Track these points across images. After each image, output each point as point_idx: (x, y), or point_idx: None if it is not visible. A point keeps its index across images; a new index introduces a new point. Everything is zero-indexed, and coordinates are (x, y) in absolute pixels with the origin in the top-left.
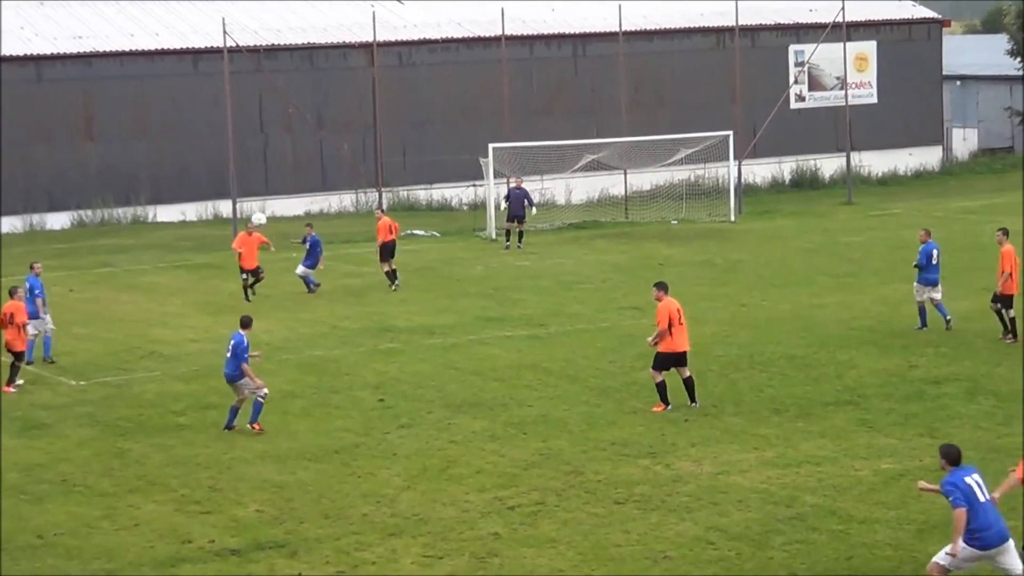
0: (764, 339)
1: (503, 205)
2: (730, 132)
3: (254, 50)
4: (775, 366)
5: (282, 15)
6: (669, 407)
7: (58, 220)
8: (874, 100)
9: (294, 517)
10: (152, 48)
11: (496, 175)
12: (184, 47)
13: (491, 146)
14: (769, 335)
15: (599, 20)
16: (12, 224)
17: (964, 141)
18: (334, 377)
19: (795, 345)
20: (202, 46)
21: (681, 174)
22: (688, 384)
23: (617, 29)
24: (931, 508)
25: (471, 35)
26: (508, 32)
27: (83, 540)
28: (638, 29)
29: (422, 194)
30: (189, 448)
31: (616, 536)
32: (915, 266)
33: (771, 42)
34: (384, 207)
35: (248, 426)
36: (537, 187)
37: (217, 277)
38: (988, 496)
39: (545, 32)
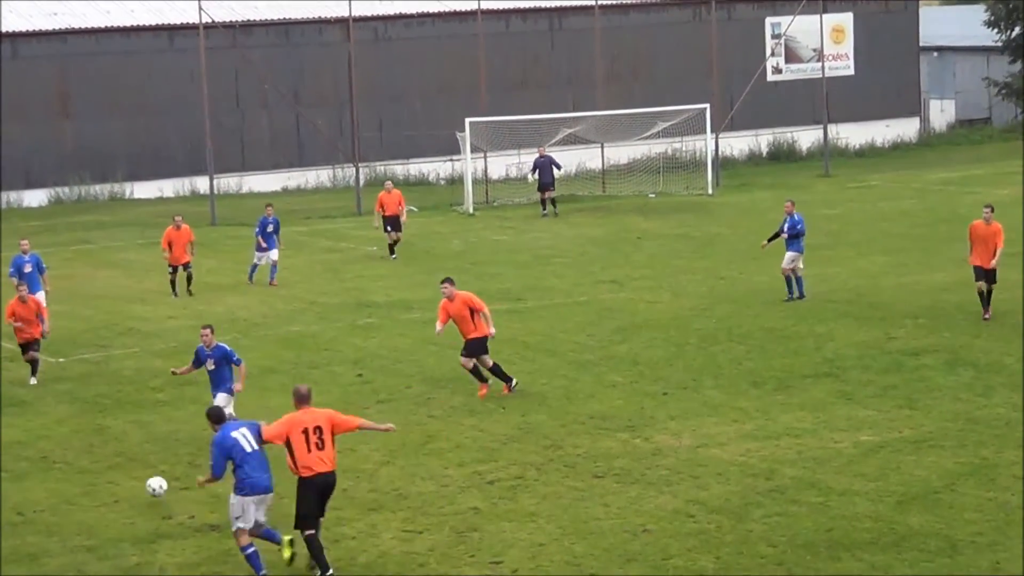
0: (742, 312)
1: (531, 177)
2: (707, 105)
3: (230, 26)
4: (753, 339)
5: None
6: (489, 383)
7: (35, 197)
8: (851, 72)
9: (274, 492)
10: (128, 24)
11: (473, 149)
12: (160, 23)
13: (468, 120)
14: (747, 308)
15: None
16: None
17: (942, 112)
18: (313, 352)
19: (773, 318)
20: (178, 22)
21: (658, 147)
22: (494, 369)
23: (593, 2)
24: (911, 480)
25: (447, 10)
26: (484, 6)
27: (63, 517)
28: (614, 2)
29: (399, 169)
30: (168, 424)
31: (596, 510)
32: (777, 236)
33: (747, 14)
34: (391, 180)
35: None
36: (514, 161)
37: (196, 254)
38: (256, 447)
39: (521, 6)
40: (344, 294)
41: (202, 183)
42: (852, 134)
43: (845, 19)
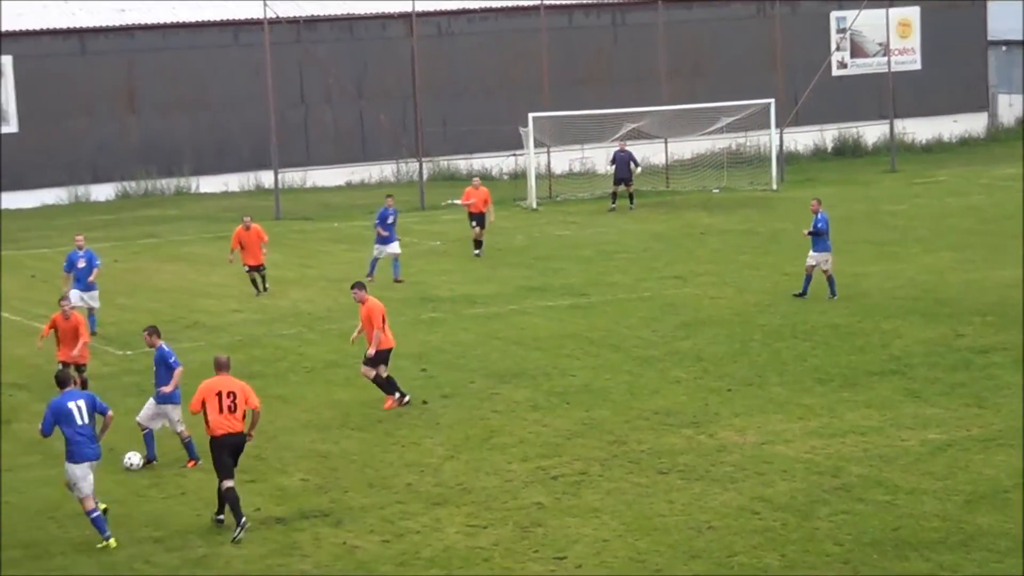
0: (807, 308)
1: (609, 170)
2: (771, 100)
3: (294, 21)
4: (819, 335)
5: None
6: (397, 396)
7: (102, 192)
8: (918, 66)
9: (339, 486)
10: (193, 20)
11: (536, 144)
12: (225, 19)
13: (531, 116)
14: (812, 304)
15: None
16: (58, 195)
17: (1010, 107)
18: None
19: (839, 314)
20: (243, 17)
21: (722, 142)
22: (387, 381)
23: None
24: (979, 479)
25: (510, 5)
26: (547, 1)
27: (132, 508)
28: None
29: (462, 164)
30: None
31: (660, 506)
32: (809, 233)
33: (812, 9)
34: (479, 179)
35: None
36: (577, 156)
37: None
38: (88, 421)
39: (584, 1)
40: (407, 289)
41: (267, 177)
42: (918, 129)
43: (912, 13)
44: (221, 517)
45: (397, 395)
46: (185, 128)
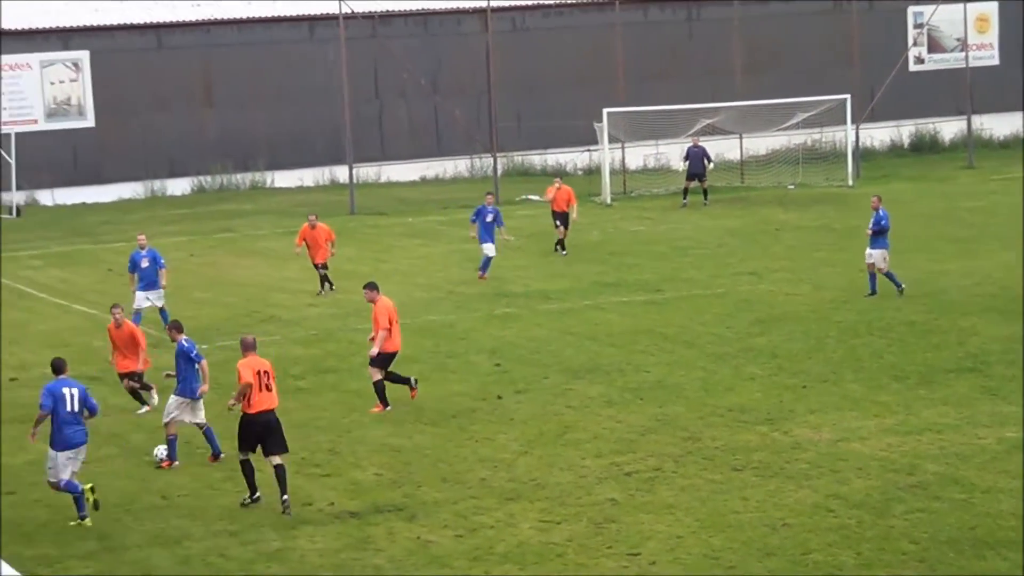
0: (884, 305)
1: (682, 166)
2: (847, 96)
3: (369, 16)
4: (895, 332)
5: None
6: (388, 408)
7: (178, 186)
8: (996, 62)
9: (412, 481)
10: (269, 15)
11: (610, 139)
12: (301, 14)
13: (605, 111)
14: (889, 301)
15: None
16: (134, 190)
17: None
18: (451, 342)
19: (915, 311)
20: (318, 13)
21: (798, 138)
22: (395, 377)
23: None
24: None
25: (585, 0)
26: None
27: (206, 501)
28: None
29: (536, 159)
30: (308, 411)
31: (734, 503)
32: (873, 232)
33: (889, 4)
34: (561, 177)
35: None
36: (652, 152)
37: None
38: (77, 410)
39: None
40: (483, 284)
41: (341, 172)
42: (996, 125)
43: (990, 8)
44: (255, 497)
45: (412, 380)
46: (261, 123)
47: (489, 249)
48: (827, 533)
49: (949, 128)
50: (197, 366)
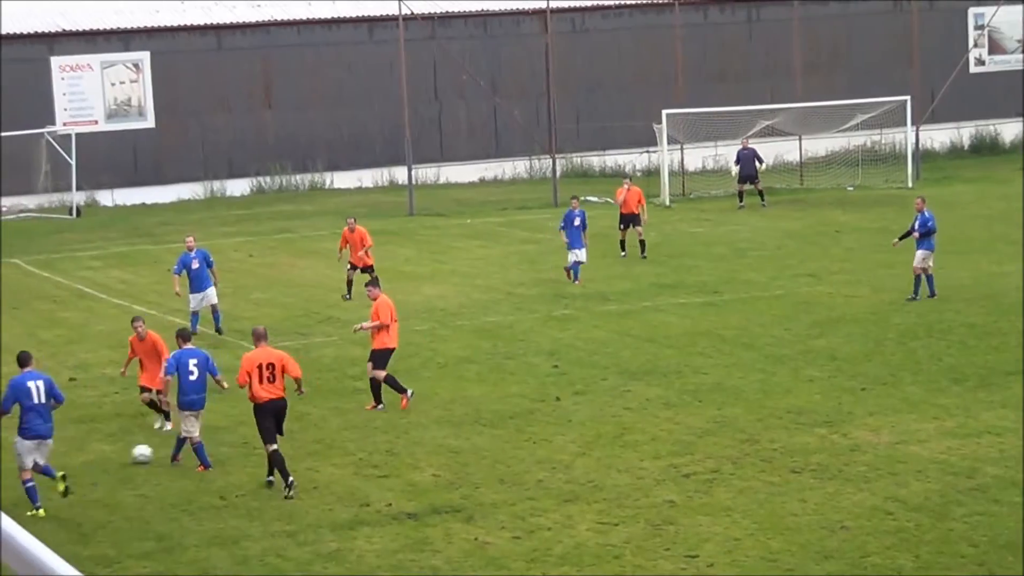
0: (943, 307)
1: (734, 170)
2: (907, 97)
3: (429, 18)
4: (954, 334)
5: None
6: (382, 406)
7: (238, 187)
8: None
9: (470, 482)
10: (329, 16)
11: (669, 141)
12: (360, 15)
13: (664, 112)
14: (947, 303)
15: None
16: (193, 190)
17: None
18: (509, 343)
19: (975, 313)
20: (377, 14)
21: (857, 139)
22: (389, 380)
23: None
24: None
25: (645, 1)
26: None
27: (264, 502)
28: None
29: (595, 160)
30: (366, 413)
31: (792, 505)
32: (908, 234)
33: (950, 5)
34: (631, 179)
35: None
36: (711, 153)
37: (393, 243)
38: (44, 401)
39: None
40: (541, 285)
41: (400, 173)
42: None
43: None
44: (271, 479)
45: (408, 392)
46: (320, 124)
47: (580, 254)
48: (885, 536)
49: (1009, 130)
50: (206, 376)
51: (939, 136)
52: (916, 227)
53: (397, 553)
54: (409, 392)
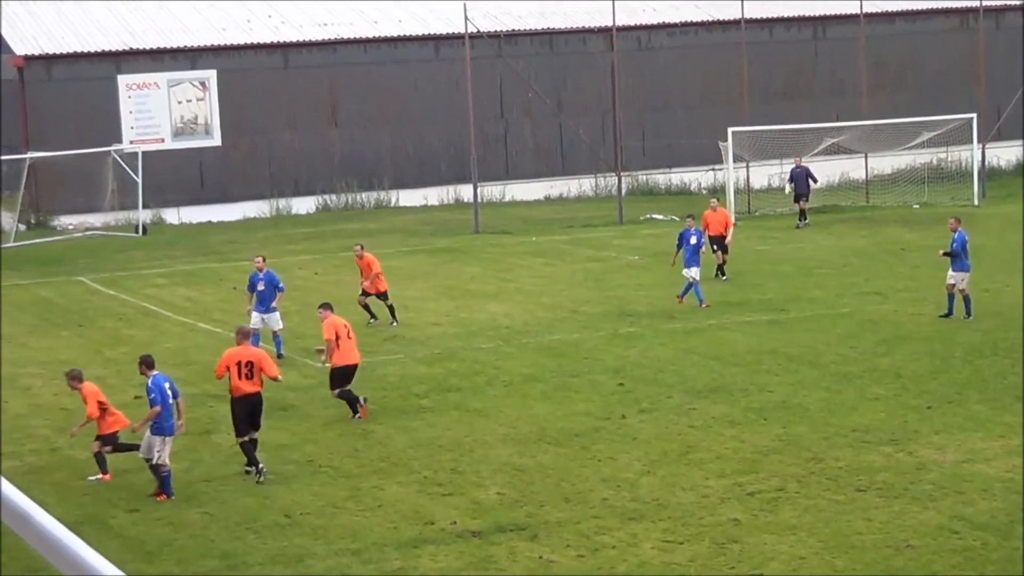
0: (1009, 325)
1: (788, 188)
2: (973, 115)
3: (495, 35)
4: (1020, 352)
5: (522, 0)
6: (361, 400)
7: (303, 205)
8: None
9: (535, 500)
10: (395, 34)
11: (735, 159)
12: (426, 33)
13: (730, 130)
14: (1014, 321)
15: (839, 2)
16: (260, 208)
17: None
18: (574, 361)
19: None
20: (443, 32)
21: (923, 157)
22: (344, 396)
23: (858, 11)
24: None
25: (710, 18)
26: (747, 15)
27: (328, 520)
28: (879, 11)
29: (661, 178)
30: (431, 430)
31: (858, 524)
32: (944, 254)
33: (1016, 22)
34: (716, 198)
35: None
36: (776, 171)
37: (459, 261)
38: (173, 400)
39: (785, 15)
40: (606, 303)
41: (466, 191)
42: None
43: None
44: (249, 469)
45: (361, 400)
46: (386, 142)
47: (694, 273)
48: (951, 555)
49: None
50: (172, 402)
51: (1005, 154)
52: (954, 247)
53: (461, 571)
54: (362, 399)
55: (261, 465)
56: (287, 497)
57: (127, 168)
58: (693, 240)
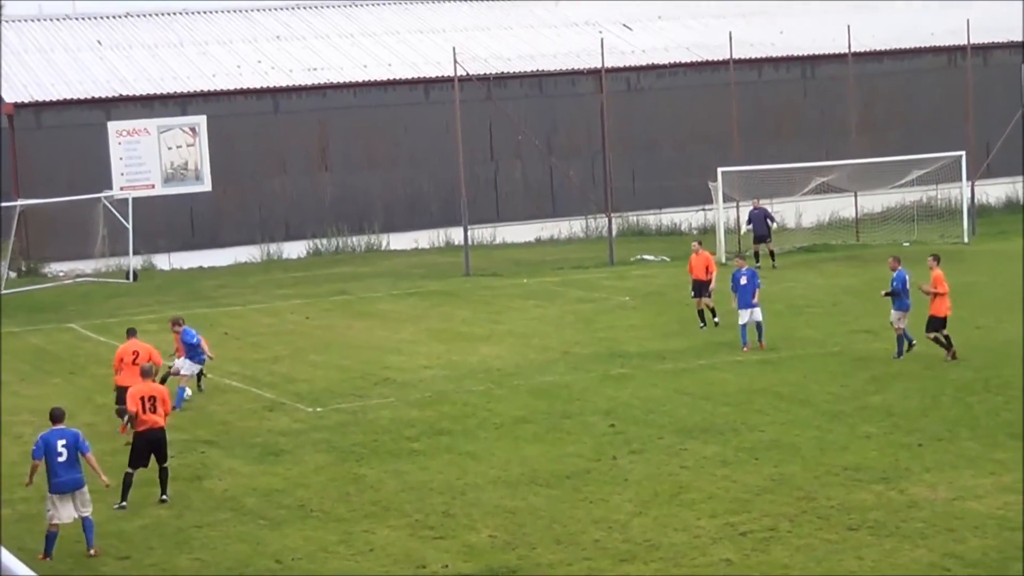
0: (1000, 362)
1: (744, 228)
2: (962, 152)
3: (484, 78)
4: (1012, 389)
5: (511, 43)
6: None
7: (294, 249)
8: None
9: (526, 542)
10: (384, 78)
11: (725, 199)
12: (415, 76)
13: (720, 170)
14: (1005, 358)
15: (828, 41)
16: (250, 253)
17: None
18: (565, 402)
19: None
20: (433, 75)
21: (913, 195)
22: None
23: (846, 50)
24: None
25: (699, 59)
26: (736, 55)
27: (320, 565)
28: (868, 50)
29: (651, 219)
30: (423, 473)
31: (850, 563)
32: (886, 294)
33: (1004, 59)
34: (699, 240)
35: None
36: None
37: (449, 304)
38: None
39: (773, 55)
40: (596, 344)
41: (456, 234)
42: None
43: None
44: (123, 504)
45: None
46: (376, 185)
47: (754, 313)
48: None
49: None
50: (83, 457)
51: (994, 191)
52: (895, 286)
53: None
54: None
55: (125, 503)
56: (279, 542)
57: (117, 214)
58: (744, 280)
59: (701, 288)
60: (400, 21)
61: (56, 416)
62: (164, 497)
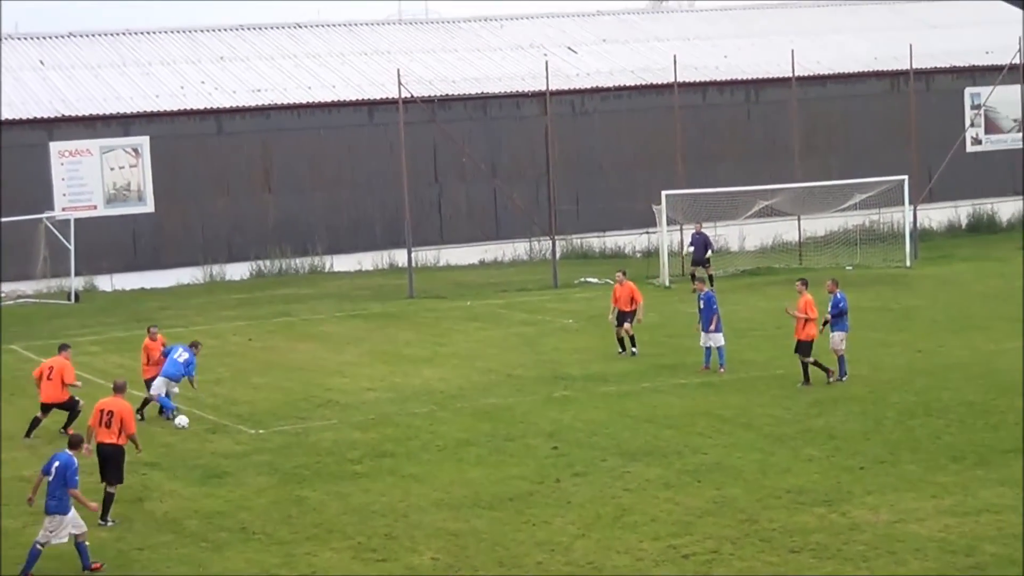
0: (941, 385)
1: (686, 250)
2: (905, 177)
3: (429, 100)
4: (953, 413)
5: (456, 66)
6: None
7: (237, 271)
8: None
9: (469, 565)
10: (328, 100)
11: (669, 222)
12: (360, 98)
13: (664, 193)
14: (946, 381)
15: (772, 66)
16: (193, 275)
17: None
18: (508, 425)
19: (973, 391)
20: (377, 97)
21: (855, 219)
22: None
23: (790, 74)
24: None
25: (643, 82)
26: (681, 79)
27: None
28: (811, 74)
29: (595, 242)
30: (365, 496)
31: None
32: (826, 323)
33: (947, 85)
34: (625, 271)
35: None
36: (710, 234)
37: (393, 326)
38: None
39: (718, 79)
40: (540, 366)
41: (400, 256)
42: None
43: None
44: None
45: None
46: (320, 207)
47: (713, 338)
48: None
49: (1006, 208)
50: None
51: (937, 215)
52: (830, 310)
53: None
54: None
55: (108, 521)
56: (220, 565)
57: (59, 235)
58: (701, 304)
59: (623, 317)
60: (345, 43)
61: (70, 443)
62: (101, 521)
